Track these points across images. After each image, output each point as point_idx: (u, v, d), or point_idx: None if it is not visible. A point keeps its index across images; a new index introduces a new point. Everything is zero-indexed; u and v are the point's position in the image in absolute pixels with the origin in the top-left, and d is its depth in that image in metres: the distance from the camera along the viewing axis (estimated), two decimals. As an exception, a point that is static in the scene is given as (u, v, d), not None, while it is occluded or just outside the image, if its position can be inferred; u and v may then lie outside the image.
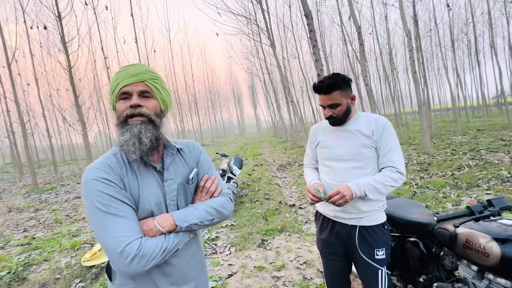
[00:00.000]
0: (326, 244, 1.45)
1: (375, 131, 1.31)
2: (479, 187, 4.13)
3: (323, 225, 1.48)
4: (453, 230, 1.24)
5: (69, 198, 6.95)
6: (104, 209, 0.72)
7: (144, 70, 0.83)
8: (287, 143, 15.98)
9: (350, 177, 1.30)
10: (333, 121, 1.37)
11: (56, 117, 23.54)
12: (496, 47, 13.84)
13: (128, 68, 0.83)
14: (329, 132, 1.43)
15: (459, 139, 9.15)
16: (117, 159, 0.82)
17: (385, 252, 1.32)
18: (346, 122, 1.38)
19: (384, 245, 1.33)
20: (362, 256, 1.32)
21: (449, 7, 12.64)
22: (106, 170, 0.77)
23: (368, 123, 1.34)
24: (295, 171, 7.23)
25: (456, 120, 13.00)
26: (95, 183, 0.74)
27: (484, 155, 6.13)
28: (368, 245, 1.31)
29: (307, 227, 3.49)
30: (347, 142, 1.34)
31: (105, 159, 0.81)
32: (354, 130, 1.34)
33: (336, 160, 1.38)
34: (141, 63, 0.87)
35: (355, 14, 6.97)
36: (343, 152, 1.35)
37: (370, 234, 1.32)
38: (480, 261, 1.11)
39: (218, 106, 44.48)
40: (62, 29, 8.34)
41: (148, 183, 0.83)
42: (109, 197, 0.73)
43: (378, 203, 1.34)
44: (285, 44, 16.48)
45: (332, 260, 1.46)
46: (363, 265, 1.33)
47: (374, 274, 1.31)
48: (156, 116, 0.84)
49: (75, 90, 8.71)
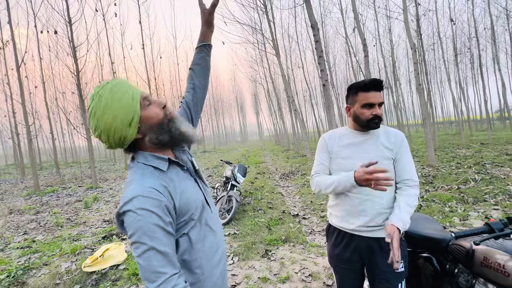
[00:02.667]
0: (341, 260, 1.39)
1: (395, 143, 1.31)
2: (486, 201, 4.07)
3: (337, 239, 1.41)
4: (469, 247, 1.21)
5: (71, 201, 6.92)
6: (151, 244, 0.69)
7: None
8: (290, 152, 15.95)
9: (373, 190, 1.24)
10: (377, 122, 1.27)
11: (60, 119, 23.74)
12: (499, 62, 13.93)
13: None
14: (348, 143, 1.36)
15: (463, 153, 9.09)
16: (154, 175, 0.79)
17: (404, 264, 1.29)
18: (368, 131, 1.34)
19: (403, 257, 1.29)
20: (383, 269, 1.27)
21: (453, 22, 12.80)
22: (154, 199, 0.72)
23: (388, 135, 1.33)
24: (298, 180, 7.18)
25: (460, 133, 12.95)
26: (147, 214, 0.69)
27: (490, 169, 6.07)
28: (387, 257, 1.26)
29: (311, 238, 3.43)
30: (369, 154, 1.30)
31: (147, 182, 0.75)
32: (378, 141, 1.31)
33: None
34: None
35: (360, 27, 7.07)
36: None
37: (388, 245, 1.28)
38: (499, 281, 1.07)
39: (221, 113, 44.75)
40: (72, 34, 8.50)
41: (188, 183, 0.88)
42: (161, 230, 0.71)
43: None
44: (290, 53, 16.70)
45: (348, 277, 1.39)
46: (382, 280, 1.29)
47: (395, 286, 1.27)
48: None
49: (82, 94, 8.81)
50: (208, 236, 0.89)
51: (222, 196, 4.48)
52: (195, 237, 0.84)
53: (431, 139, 7.59)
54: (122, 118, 0.74)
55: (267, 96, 23.19)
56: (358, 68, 14.51)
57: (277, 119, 24.13)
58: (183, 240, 0.82)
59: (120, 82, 0.77)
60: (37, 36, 11.99)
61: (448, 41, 16.44)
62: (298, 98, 18.74)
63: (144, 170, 0.79)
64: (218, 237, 0.94)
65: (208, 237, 0.89)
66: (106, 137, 0.76)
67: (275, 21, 11.24)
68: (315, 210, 4.53)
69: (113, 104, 0.73)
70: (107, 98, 0.73)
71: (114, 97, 0.73)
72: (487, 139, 12.15)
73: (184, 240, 0.83)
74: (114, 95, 0.73)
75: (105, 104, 0.73)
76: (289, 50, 16.67)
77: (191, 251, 0.84)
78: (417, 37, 10.42)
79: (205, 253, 0.87)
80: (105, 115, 0.73)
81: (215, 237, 0.93)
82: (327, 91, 5.49)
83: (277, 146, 23.50)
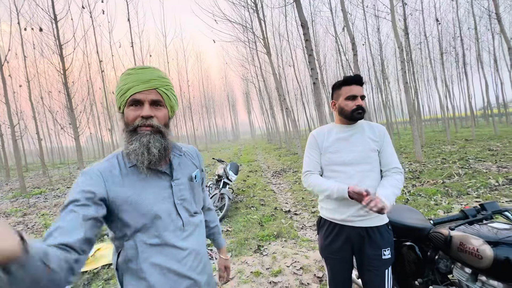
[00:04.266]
0: (332, 251, 1.44)
1: (379, 136, 1.42)
2: (469, 195, 4.25)
3: (328, 231, 1.47)
4: (447, 233, 1.29)
5: (59, 202, 6.78)
6: (61, 214, 0.68)
7: (157, 76, 0.81)
8: (281, 150, 16.05)
9: (363, 181, 1.36)
10: (360, 112, 1.38)
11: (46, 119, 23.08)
12: (482, 60, 14.42)
13: (141, 73, 0.80)
14: (337, 138, 1.44)
15: (449, 149, 9.40)
16: (112, 164, 0.81)
17: (390, 251, 1.37)
18: (353, 125, 1.45)
19: (390, 244, 1.39)
20: (371, 258, 1.35)
21: (438, 22, 13.16)
22: (87, 178, 0.75)
23: (372, 128, 1.45)
24: (289, 178, 7.27)
25: (445, 130, 13.37)
26: (75, 185, 0.74)
27: (473, 164, 6.31)
28: (376, 245, 1.35)
29: (302, 233, 3.50)
30: (356, 147, 1.40)
31: (101, 164, 0.80)
32: (361, 134, 1.42)
33: (346, 164, 1.39)
34: (153, 67, 0.84)
35: (349, 26, 7.19)
36: (353, 156, 1.39)
37: (377, 234, 1.37)
38: (473, 264, 1.15)
39: (213, 112, 44.51)
40: (57, 32, 8.29)
41: (153, 186, 0.83)
42: (71, 203, 0.70)
43: None
44: (281, 52, 16.77)
45: (339, 267, 1.44)
46: (370, 267, 1.36)
47: (381, 274, 1.35)
48: (165, 125, 0.84)
49: (69, 93, 8.61)
50: (162, 252, 0.81)
51: (214, 194, 4.51)
52: (141, 248, 0.79)
53: (418, 136, 7.82)
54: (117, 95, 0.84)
55: (258, 95, 23.23)
56: (348, 67, 14.73)
57: (269, 117, 24.23)
58: (128, 244, 0.80)
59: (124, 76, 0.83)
60: (21, 33, 11.62)
61: (434, 41, 16.88)
62: (289, 96, 18.86)
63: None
64: (181, 256, 0.83)
65: (160, 253, 0.81)
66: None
67: (265, 19, 11.27)
68: (307, 206, 4.61)
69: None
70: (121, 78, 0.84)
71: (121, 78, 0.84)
72: (471, 136, 12.58)
73: (129, 245, 0.80)
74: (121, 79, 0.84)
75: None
76: (280, 49, 16.75)
77: (137, 260, 0.80)
78: (404, 36, 10.65)
79: (154, 269, 0.80)
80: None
81: (174, 255, 0.82)
82: (317, 89, 5.57)
83: (269, 145, 23.60)
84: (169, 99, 0.84)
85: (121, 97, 0.81)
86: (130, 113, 0.79)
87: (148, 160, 0.78)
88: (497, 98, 18.84)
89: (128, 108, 0.80)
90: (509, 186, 4.42)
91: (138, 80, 0.79)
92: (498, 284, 1.09)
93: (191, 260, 0.86)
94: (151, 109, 0.80)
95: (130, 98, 0.79)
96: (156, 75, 0.81)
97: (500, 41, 16.04)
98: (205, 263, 0.94)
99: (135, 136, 0.78)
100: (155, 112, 0.81)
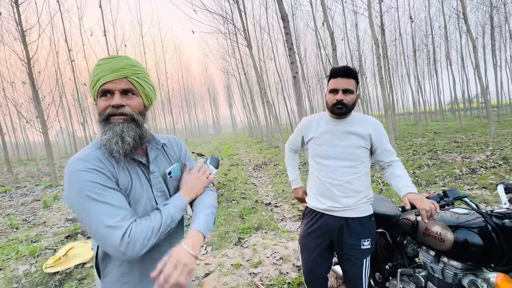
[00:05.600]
0: (311, 239, 1.47)
1: (374, 135, 1.38)
2: (436, 184, 4.55)
3: (309, 219, 1.50)
4: (414, 220, 1.37)
5: (27, 201, 6.35)
6: (98, 198, 0.70)
7: (126, 64, 0.79)
8: (263, 144, 16.15)
9: (343, 176, 1.37)
10: (340, 108, 1.33)
11: (10, 112, 21.36)
12: (451, 58, 15.31)
13: (109, 62, 0.78)
14: (325, 130, 1.43)
15: (420, 141, 9.98)
16: (103, 152, 0.80)
17: (370, 242, 1.40)
18: (344, 120, 1.41)
19: (370, 235, 1.41)
20: (350, 246, 1.38)
21: (411, 19, 13.72)
22: (95, 162, 0.75)
23: (365, 124, 1.40)
24: (271, 171, 7.35)
25: (417, 124, 14.14)
26: (85, 174, 0.72)
27: (440, 155, 6.76)
28: (356, 235, 1.38)
29: (282, 224, 3.57)
30: (342, 142, 1.38)
31: (92, 152, 0.78)
32: (352, 130, 1.38)
33: (330, 158, 1.40)
34: (124, 55, 0.83)
35: (328, 20, 7.28)
36: (337, 151, 1.38)
37: (357, 225, 1.39)
38: (437, 246, 1.24)
39: (193, 105, 43.55)
40: (19, 16, 7.61)
41: (137, 176, 0.84)
42: (102, 186, 0.72)
43: (367, 196, 1.42)
44: (262, 45, 16.67)
45: (316, 255, 1.47)
46: (349, 256, 1.40)
47: (360, 263, 1.39)
48: (140, 113, 0.82)
49: (34, 83, 8.00)
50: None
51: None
52: None
53: (392, 129, 8.21)
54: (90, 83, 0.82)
55: (240, 88, 23.04)
56: (327, 61, 15.00)
57: (250, 111, 24.18)
58: None
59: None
60: (-24, 17, 10.50)
61: (408, 38, 17.62)
62: (270, 90, 18.90)
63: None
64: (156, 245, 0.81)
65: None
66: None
67: (246, 11, 11.10)
68: (287, 198, 4.70)
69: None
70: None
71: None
72: (439, 129, 13.44)
73: None
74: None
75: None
76: (261, 42, 16.63)
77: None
78: (380, 33, 11.01)
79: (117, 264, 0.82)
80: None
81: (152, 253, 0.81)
82: (297, 83, 5.63)
83: (251, 138, 23.63)
84: (142, 88, 0.82)
85: (93, 88, 0.80)
86: (101, 103, 0.78)
87: (123, 149, 0.77)
88: (463, 94, 20.20)
89: (100, 98, 0.79)
90: (471, 175, 4.79)
91: (107, 69, 0.77)
92: (457, 264, 1.19)
93: (167, 251, 0.86)
94: (122, 98, 0.78)
95: (100, 88, 0.78)
96: (125, 64, 0.79)
97: (466, 40, 17.10)
98: None
99: (108, 125, 0.77)
100: (127, 101, 0.79)
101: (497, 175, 4.52)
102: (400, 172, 1.36)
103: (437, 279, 1.27)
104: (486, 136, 9.37)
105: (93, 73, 0.79)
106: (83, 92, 18.18)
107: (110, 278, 0.83)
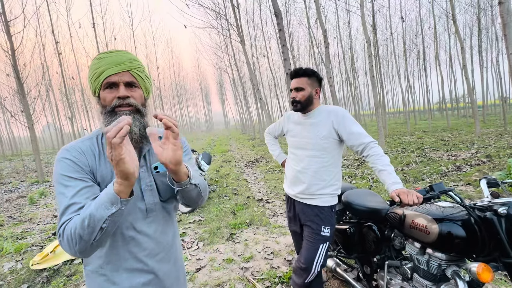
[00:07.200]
0: (290, 220, 1.74)
1: (335, 121, 1.47)
2: (423, 180, 4.68)
3: (288, 203, 1.74)
4: (401, 213, 1.41)
5: (12, 197, 6.17)
6: (61, 189, 0.73)
7: (128, 58, 0.82)
8: (255, 140, 16.15)
9: (309, 164, 1.51)
10: (295, 105, 1.52)
11: (-7, 106, 20.57)
12: (439, 58, 15.65)
13: (113, 55, 0.80)
14: (296, 123, 1.63)
15: (408, 139, 10.20)
16: (92, 143, 0.83)
17: (330, 231, 1.54)
18: (309, 113, 1.56)
19: (330, 224, 1.55)
20: (310, 230, 1.54)
21: (402, 19, 13.92)
22: (73, 153, 0.78)
23: (328, 114, 1.50)
24: (263, 167, 7.37)
25: (406, 122, 14.44)
26: (61, 162, 0.76)
27: (428, 153, 6.94)
28: (317, 221, 1.53)
29: (274, 220, 3.60)
30: (308, 133, 1.54)
31: (79, 143, 0.82)
32: (315, 122, 1.52)
33: (299, 148, 1.58)
34: (124, 50, 0.85)
35: (322, 18, 7.31)
36: (304, 142, 1.55)
37: (319, 212, 1.54)
38: (422, 239, 1.29)
39: (185, 101, 43.06)
40: (3, 6, 7.32)
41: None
42: (68, 178, 0.74)
43: (332, 189, 1.55)
44: (255, 42, 16.60)
45: (296, 238, 1.77)
46: (308, 237, 1.55)
47: (316, 246, 1.52)
48: (142, 105, 0.85)
49: (19, 76, 7.73)
50: (123, 234, 0.80)
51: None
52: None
53: (382, 127, 8.35)
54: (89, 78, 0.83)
55: (232, 85, 22.91)
56: (320, 59, 15.07)
57: (243, 108, 24.11)
58: None
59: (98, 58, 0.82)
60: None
61: (399, 37, 17.87)
62: (263, 87, 18.88)
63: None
64: (142, 240, 0.82)
65: (122, 234, 0.80)
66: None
67: (239, 6, 11.01)
68: (279, 194, 4.74)
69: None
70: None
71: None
72: (428, 127, 13.76)
73: None
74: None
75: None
76: (254, 38, 16.56)
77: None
78: (372, 32, 11.13)
79: (113, 248, 0.80)
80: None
81: (132, 238, 0.81)
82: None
83: (243, 135, 23.59)
84: (143, 81, 0.86)
85: (95, 80, 0.81)
86: (107, 95, 0.80)
87: (130, 138, 0.77)
88: (451, 93, 20.71)
89: (104, 91, 0.80)
90: (456, 172, 4.95)
91: (112, 62, 0.79)
92: (441, 255, 1.24)
93: (151, 247, 0.85)
94: (127, 90, 0.81)
95: (104, 81, 0.79)
96: (127, 58, 0.82)
97: (455, 41, 17.50)
98: (169, 253, 0.91)
99: (114, 116, 0.78)
100: (131, 93, 0.82)
101: (481, 172, 4.68)
102: (382, 163, 1.34)
103: (423, 270, 1.32)
104: (471, 134, 9.67)
105: (95, 66, 0.80)
106: (70, 86, 17.67)
107: (90, 267, 0.84)
